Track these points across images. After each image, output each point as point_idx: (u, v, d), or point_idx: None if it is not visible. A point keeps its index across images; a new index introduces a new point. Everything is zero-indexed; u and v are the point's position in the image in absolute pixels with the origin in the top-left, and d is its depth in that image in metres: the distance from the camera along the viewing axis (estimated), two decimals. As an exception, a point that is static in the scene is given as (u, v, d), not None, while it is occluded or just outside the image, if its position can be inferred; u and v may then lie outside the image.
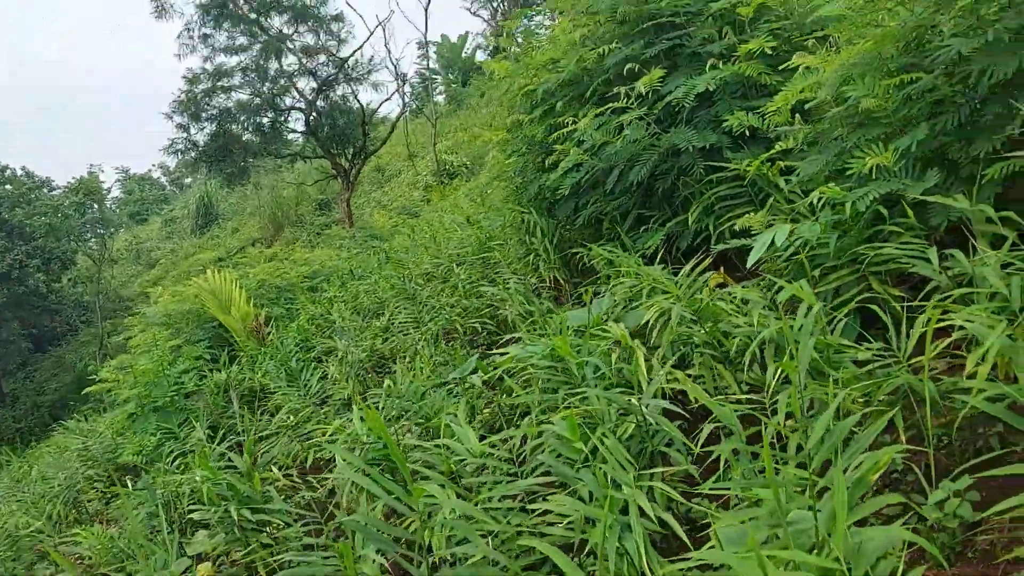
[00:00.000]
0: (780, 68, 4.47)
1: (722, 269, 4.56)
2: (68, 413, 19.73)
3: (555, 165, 5.56)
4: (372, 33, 29.28)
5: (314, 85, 21.24)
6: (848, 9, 3.50)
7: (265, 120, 20.87)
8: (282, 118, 21.43)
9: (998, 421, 2.49)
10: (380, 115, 25.60)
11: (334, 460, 4.52)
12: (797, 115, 3.82)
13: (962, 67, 2.98)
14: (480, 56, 42.90)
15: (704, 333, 3.24)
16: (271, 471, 4.13)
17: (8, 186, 30.66)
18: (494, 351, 5.82)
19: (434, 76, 38.47)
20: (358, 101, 21.85)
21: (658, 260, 4.60)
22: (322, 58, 21.27)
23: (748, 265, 3.30)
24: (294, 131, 22.25)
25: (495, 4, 43.30)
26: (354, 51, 21.71)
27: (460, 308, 6.51)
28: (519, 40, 8.03)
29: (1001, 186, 2.85)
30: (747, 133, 4.30)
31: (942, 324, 2.23)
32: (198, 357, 7.89)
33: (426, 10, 24.16)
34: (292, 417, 5.16)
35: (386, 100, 39.53)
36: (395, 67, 22.69)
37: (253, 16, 19.97)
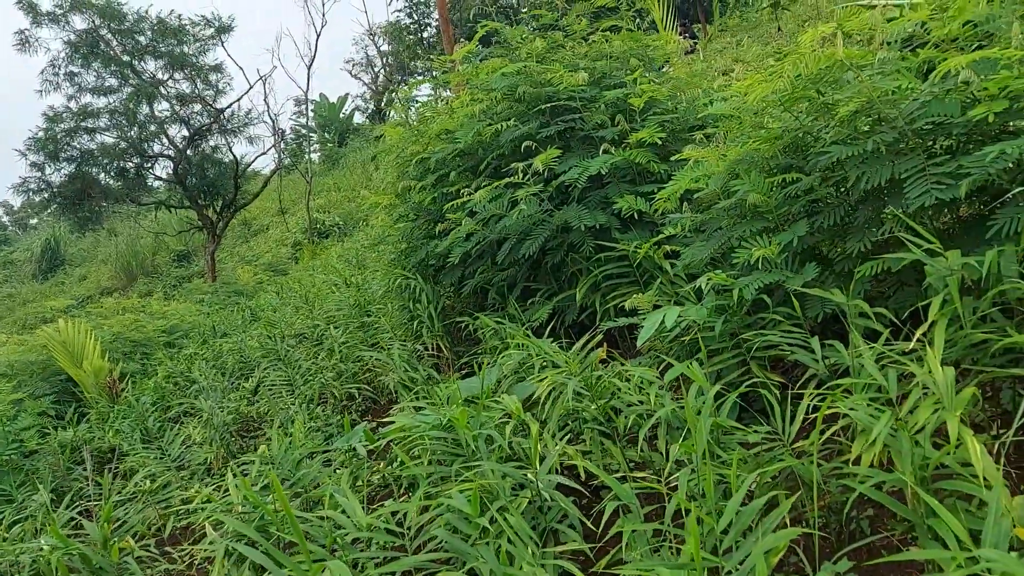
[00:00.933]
0: (670, 158, 4.73)
1: (605, 345, 4.69)
2: None
3: (445, 233, 5.58)
4: (252, 86, 28.98)
5: (186, 133, 20.53)
6: (735, 110, 3.75)
7: (130, 165, 19.90)
8: (148, 165, 20.50)
9: (869, 506, 2.65)
10: (252, 169, 25.00)
11: (196, 531, 4.22)
12: (685, 203, 4.02)
13: (837, 172, 3.25)
14: (358, 118, 43.01)
15: (595, 409, 3.28)
16: (127, 541, 3.78)
17: None
18: (372, 419, 5.67)
19: (310, 134, 38.11)
20: (232, 153, 21.29)
21: (546, 333, 4.66)
22: (197, 107, 20.66)
23: (639, 344, 3.39)
24: (160, 178, 21.29)
25: (376, 68, 43.80)
26: (231, 103, 21.26)
27: (335, 372, 6.32)
28: (412, 109, 8.12)
29: (871, 282, 3.09)
30: (635, 216, 4.47)
31: (830, 412, 2.35)
32: (41, 413, 7.24)
33: (309, 68, 24.12)
34: (149, 482, 4.78)
35: (262, 154, 38.64)
36: (273, 122, 22.29)
37: (126, 58, 19.21)
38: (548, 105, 5.02)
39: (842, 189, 3.30)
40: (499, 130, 5.09)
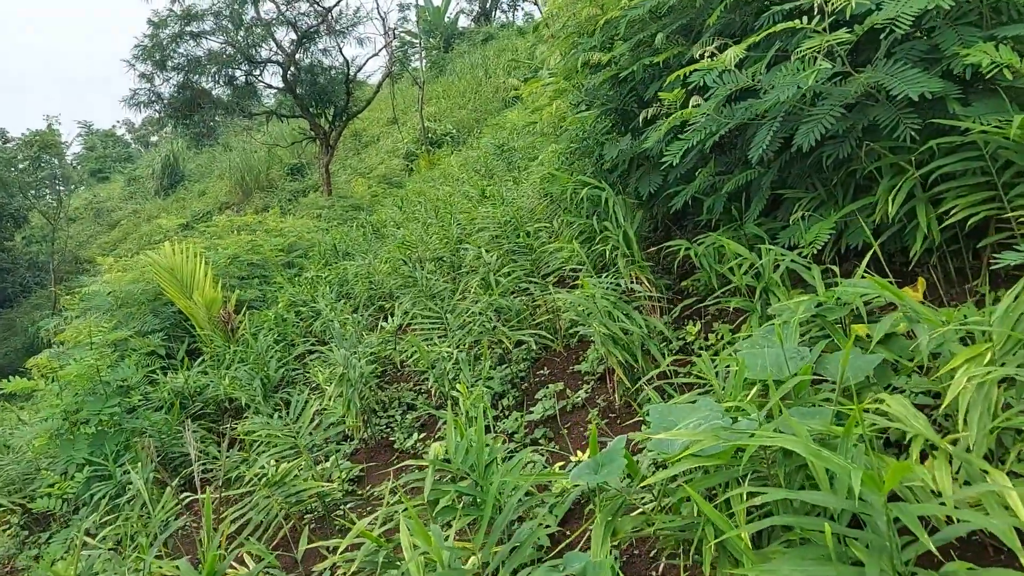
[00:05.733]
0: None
1: (923, 281, 3.12)
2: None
3: (652, 121, 4.02)
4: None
5: (294, 36, 19.25)
6: None
7: (238, 72, 18.85)
8: (257, 72, 19.41)
9: None
10: (364, 73, 23.70)
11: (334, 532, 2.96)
12: None
13: None
14: (463, 22, 41.04)
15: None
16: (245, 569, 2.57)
17: (-46, 136, 28.26)
18: (547, 369, 4.27)
19: (414, 40, 36.44)
20: (343, 55, 19.93)
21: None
22: (303, 6, 19.24)
23: None
24: (270, 86, 20.20)
25: (481, -34, 41.29)
26: (339, 0, 19.76)
27: (493, 308, 4.93)
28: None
29: None
30: (1006, 76, 2.77)
31: None
32: (150, 352, 6.22)
33: (417, -38, 22.26)
34: (275, 466, 3.57)
35: (375, 54, 37.43)
36: (383, 19, 20.73)
37: (228, -47, 17.91)
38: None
39: None
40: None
